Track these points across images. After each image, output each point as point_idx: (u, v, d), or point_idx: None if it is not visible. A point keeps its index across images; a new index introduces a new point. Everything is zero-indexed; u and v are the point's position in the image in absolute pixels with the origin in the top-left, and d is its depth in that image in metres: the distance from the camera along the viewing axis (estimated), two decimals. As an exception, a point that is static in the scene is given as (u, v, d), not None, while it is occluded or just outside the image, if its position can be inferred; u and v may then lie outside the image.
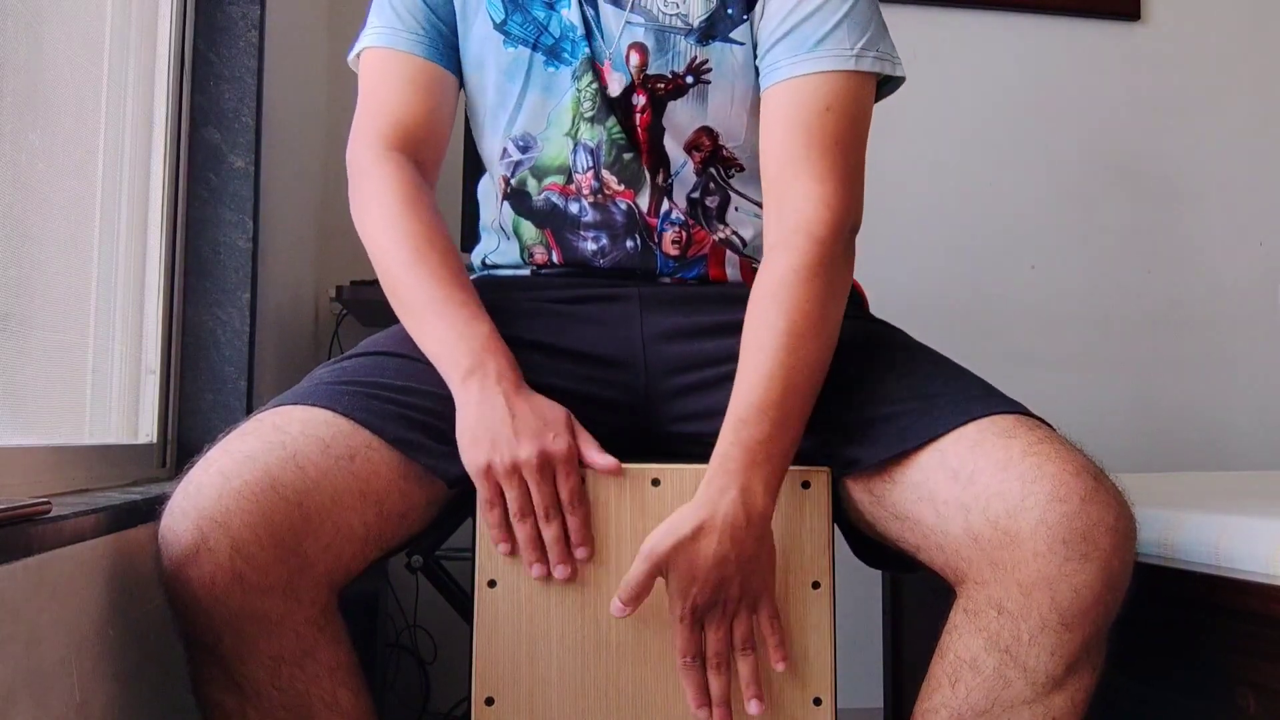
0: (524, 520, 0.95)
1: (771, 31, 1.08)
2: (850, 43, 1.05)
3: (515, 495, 0.94)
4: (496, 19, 1.12)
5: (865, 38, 1.06)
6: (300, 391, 0.99)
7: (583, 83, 1.10)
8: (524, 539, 0.95)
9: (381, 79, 1.12)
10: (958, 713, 0.91)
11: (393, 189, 1.06)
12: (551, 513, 0.95)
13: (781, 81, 1.06)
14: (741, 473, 0.93)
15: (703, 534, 0.91)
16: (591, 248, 1.13)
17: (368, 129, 1.10)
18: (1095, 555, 0.86)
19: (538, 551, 0.96)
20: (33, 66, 1.09)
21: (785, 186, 1.04)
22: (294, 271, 1.88)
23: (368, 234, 1.07)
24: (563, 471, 0.94)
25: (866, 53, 1.06)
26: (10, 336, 1.05)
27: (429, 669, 2.01)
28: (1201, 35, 2.45)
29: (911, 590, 1.66)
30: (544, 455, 0.93)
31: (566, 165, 1.12)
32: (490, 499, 0.95)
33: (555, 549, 0.95)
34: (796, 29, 1.06)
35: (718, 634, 0.94)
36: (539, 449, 0.93)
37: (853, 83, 1.06)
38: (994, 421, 0.94)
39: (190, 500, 0.87)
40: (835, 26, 1.06)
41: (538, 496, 0.94)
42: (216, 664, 0.89)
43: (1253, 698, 1.02)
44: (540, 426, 0.94)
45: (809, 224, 1.01)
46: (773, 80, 1.07)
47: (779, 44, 1.07)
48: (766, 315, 0.99)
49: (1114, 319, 2.38)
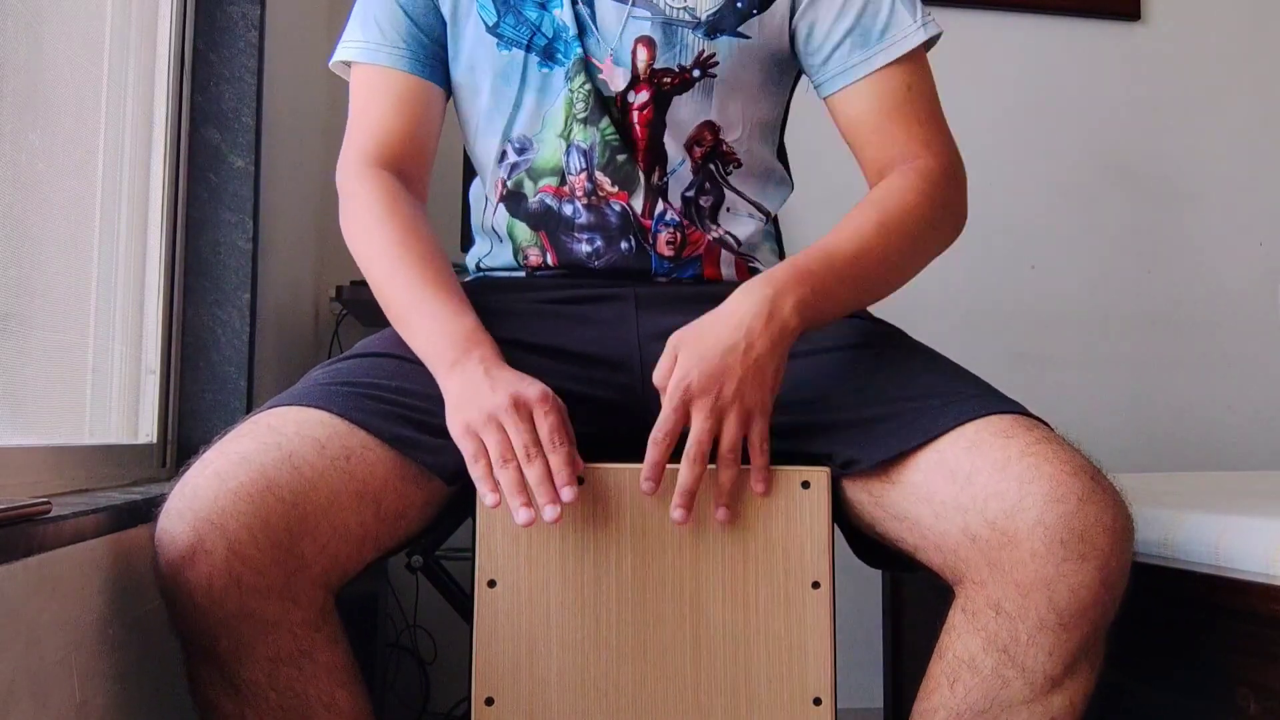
0: (506, 464, 0.91)
1: (829, 30, 1.10)
2: (908, 22, 1.10)
3: (495, 441, 0.91)
4: (489, 22, 1.12)
5: (913, 9, 1.11)
6: (296, 392, 0.99)
7: (575, 83, 1.10)
8: (507, 483, 0.91)
9: (366, 97, 1.14)
10: (956, 713, 0.91)
11: (373, 202, 1.08)
12: (532, 451, 0.91)
13: (861, 79, 1.10)
14: (779, 283, 0.95)
15: (719, 320, 0.94)
16: (586, 249, 1.14)
17: (351, 149, 1.13)
18: (1093, 555, 0.86)
19: (523, 494, 0.91)
20: (33, 66, 1.09)
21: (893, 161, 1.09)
22: (294, 271, 1.88)
23: (354, 247, 1.09)
24: (540, 409, 0.92)
25: (918, 25, 1.11)
26: (10, 336, 1.05)
27: (429, 669, 2.01)
28: (1201, 35, 2.45)
29: (911, 590, 1.66)
30: (516, 398, 0.92)
31: (560, 167, 1.13)
32: (474, 453, 0.92)
33: (541, 488, 0.91)
34: (858, 26, 1.10)
35: (704, 424, 0.92)
36: (511, 393, 0.92)
37: (920, 55, 1.12)
38: (992, 422, 0.94)
39: (186, 502, 0.87)
40: (892, 10, 1.10)
41: (516, 437, 0.91)
42: (214, 665, 0.89)
43: (1253, 698, 1.02)
44: (515, 378, 0.94)
45: (919, 164, 1.08)
46: (851, 79, 1.11)
47: (844, 44, 1.10)
48: (862, 210, 1.04)
49: (1114, 319, 2.38)
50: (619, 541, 0.97)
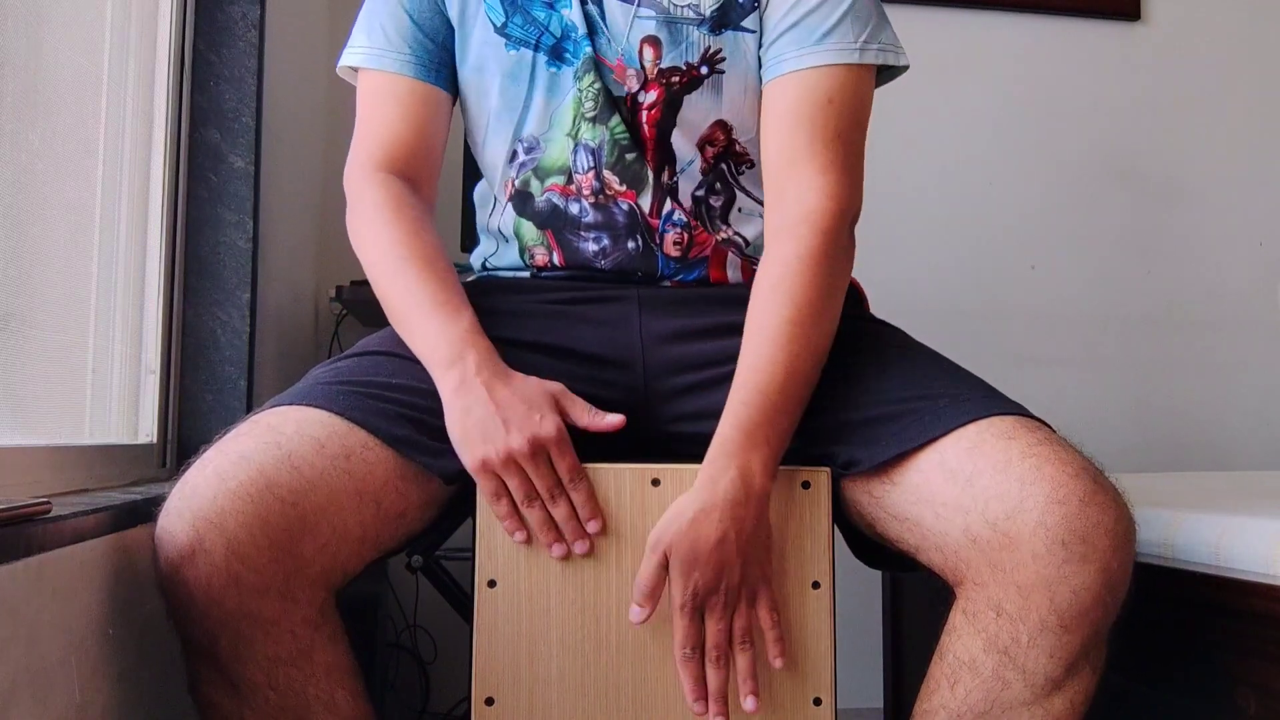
0: (531, 505, 0.95)
1: (777, 24, 1.09)
2: (854, 36, 1.07)
3: (517, 484, 0.95)
4: (497, 22, 1.12)
5: (868, 30, 1.08)
6: (296, 392, 0.99)
7: (584, 82, 1.10)
8: (536, 523, 0.96)
9: (372, 104, 1.14)
10: (956, 714, 0.91)
11: (379, 206, 1.08)
12: (556, 492, 0.95)
13: (786, 74, 1.08)
14: (740, 454, 0.94)
15: (704, 515, 0.92)
16: (592, 248, 1.14)
17: (359, 154, 1.13)
18: (1094, 557, 0.86)
19: (553, 532, 0.96)
20: (33, 66, 1.09)
21: (787, 178, 1.06)
22: (294, 271, 1.88)
23: (359, 250, 1.10)
24: (556, 452, 0.95)
25: (870, 45, 1.08)
26: (10, 336, 1.05)
27: (429, 669, 2.01)
28: (1201, 35, 2.45)
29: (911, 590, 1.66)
30: (535, 442, 0.94)
31: (567, 166, 1.13)
32: (494, 491, 0.95)
33: (568, 526, 0.96)
34: (802, 22, 1.08)
35: (718, 625, 0.94)
36: (529, 436, 0.94)
37: (855, 75, 1.08)
38: (993, 423, 0.94)
39: (186, 501, 0.87)
40: (840, 20, 1.07)
41: (538, 481, 0.95)
42: (213, 665, 0.89)
43: (1253, 698, 1.01)
44: (526, 412, 0.95)
45: (812, 214, 1.03)
46: (777, 73, 1.09)
47: (784, 36, 1.08)
48: (770, 303, 1.01)
49: (1114, 319, 2.37)
50: (619, 541, 0.97)
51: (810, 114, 1.06)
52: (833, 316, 1.03)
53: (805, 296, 1.00)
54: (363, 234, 1.09)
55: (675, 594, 0.93)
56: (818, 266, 1.01)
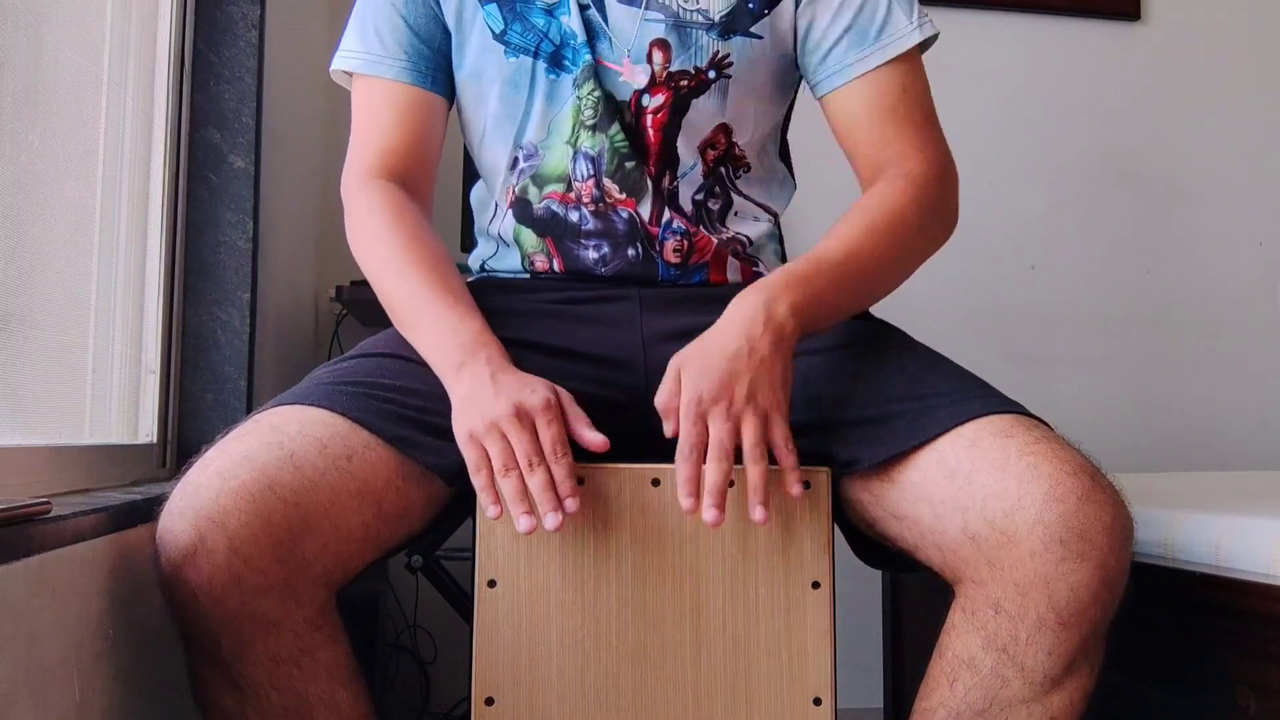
0: (508, 473, 0.91)
1: (825, 30, 1.11)
2: (904, 22, 1.10)
3: (497, 450, 0.91)
4: (495, 29, 1.12)
5: (910, 10, 1.11)
6: (298, 392, 0.99)
7: (584, 90, 1.10)
8: (509, 492, 0.91)
9: (368, 110, 1.14)
10: (956, 712, 0.91)
11: (377, 209, 1.08)
12: (535, 461, 0.91)
13: (857, 79, 1.10)
14: (772, 290, 0.96)
15: (719, 332, 0.94)
16: (592, 256, 1.14)
17: (355, 161, 1.13)
18: (1092, 554, 0.86)
19: (524, 503, 0.91)
20: (33, 66, 1.09)
21: (885, 164, 1.09)
22: (294, 271, 1.88)
23: (359, 255, 1.09)
24: (542, 420, 0.92)
25: (914, 26, 1.11)
26: (10, 336, 1.05)
27: (429, 669, 2.01)
28: (1201, 35, 2.45)
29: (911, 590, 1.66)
30: (519, 407, 0.92)
31: (566, 174, 1.12)
32: (476, 462, 0.92)
33: (543, 497, 0.91)
34: (854, 25, 1.10)
35: (724, 426, 0.90)
36: (514, 402, 0.92)
37: (915, 56, 1.12)
38: (991, 421, 0.94)
39: (188, 500, 0.87)
40: (889, 11, 1.10)
41: (519, 446, 0.91)
42: (215, 664, 0.89)
43: (1253, 698, 1.02)
44: (519, 385, 0.94)
45: (911, 171, 1.07)
46: (846, 79, 1.10)
47: (840, 43, 1.10)
48: (849, 217, 1.04)
49: (1114, 319, 2.38)
50: (619, 541, 0.98)
51: (892, 107, 1.09)
52: (904, 261, 1.06)
53: (890, 216, 1.04)
54: (363, 240, 1.08)
55: (681, 397, 0.91)
56: (910, 203, 1.05)
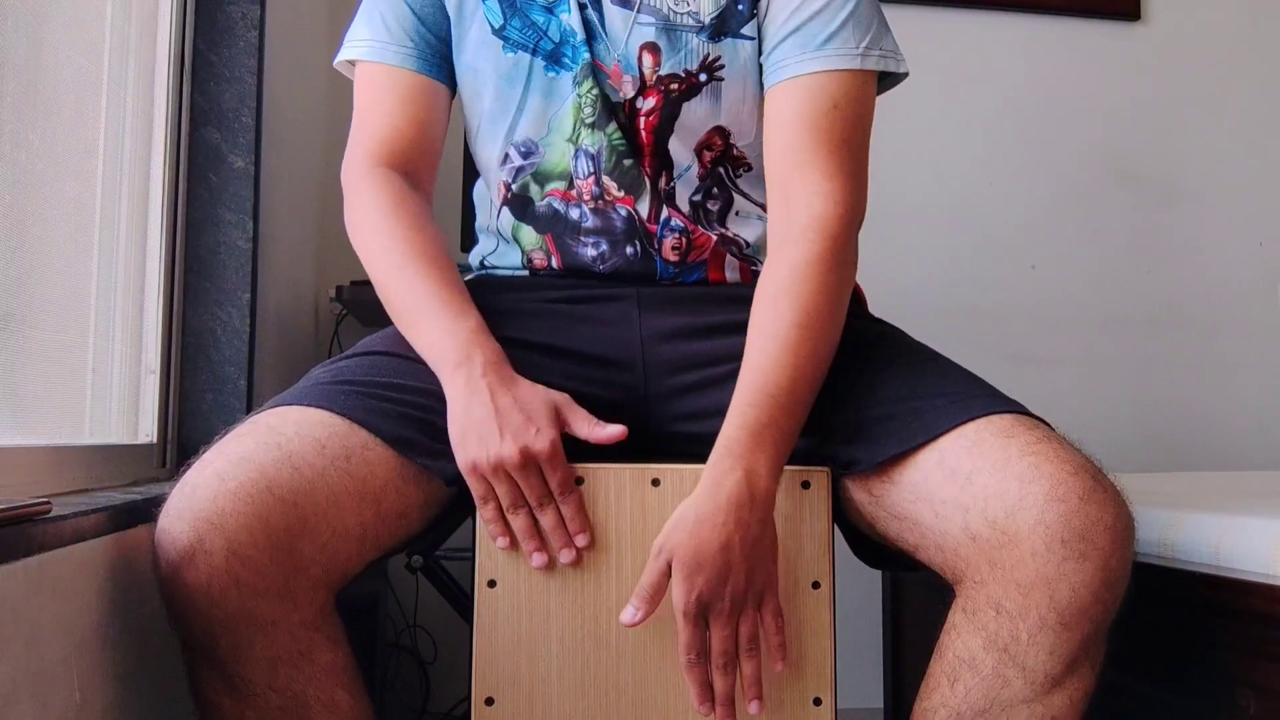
0: (517, 512, 0.95)
1: (778, 29, 1.08)
2: (856, 41, 1.07)
3: (505, 490, 0.94)
4: (495, 24, 1.12)
5: (869, 36, 1.08)
6: (296, 392, 0.99)
7: (583, 88, 1.10)
8: (520, 530, 0.96)
9: (372, 96, 1.13)
10: (957, 712, 0.91)
11: (378, 201, 1.07)
12: (545, 502, 0.95)
13: (788, 79, 1.07)
14: (746, 455, 0.93)
15: (708, 519, 0.91)
16: (591, 253, 1.13)
17: (357, 148, 1.12)
18: (1093, 554, 0.86)
19: (535, 540, 0.96)
20: (33, 66, 1.09)
21: (793, 184, 1.05)
22: (294, 271, 1.88)
23: (358, 246, 1.09)
24: (548, 466, 0.94)
25: (871, 51, 1.07)
26: (10, 336, 1.05)
27: (429, 669, 2.01)
28: (1201, 35, 2.45)
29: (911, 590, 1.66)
30: (526, 453, 0.93)
31: (568, 171, 1.12)
32: (483, 495, 0.95)
33: (555, 534, 0.96)
34: (803, 27, 1.07)
35: (723, 632, 0.93)
36: (520, 447, 0.93)
37: (858, 81, 1.07)
38: (992, 421, 0.94)
39: (186, 502, 0.87)
40: (841, 26, 1.07)
41: (527, 491, 0.95)
42: (213, 665, 0.89)
43: (1253, 698, 1.01)
44: (523, 422, 0.94)
45: (819, 220, 1.03)
46: (780, 78, 1.08)
47: (785, 42, 1.08)
48: (777, 306, 1.00)
49: (1114, 319, 2.38)
50: (619, 542, 0.97)
51: (814, 119, 1.06)
52: (838, 322, 1.02)
53: (814, 302, 1.00)
54: (362, 230, 1.08)
55: (678, 600, 0.92)
56: (826, 272, 1.01)
